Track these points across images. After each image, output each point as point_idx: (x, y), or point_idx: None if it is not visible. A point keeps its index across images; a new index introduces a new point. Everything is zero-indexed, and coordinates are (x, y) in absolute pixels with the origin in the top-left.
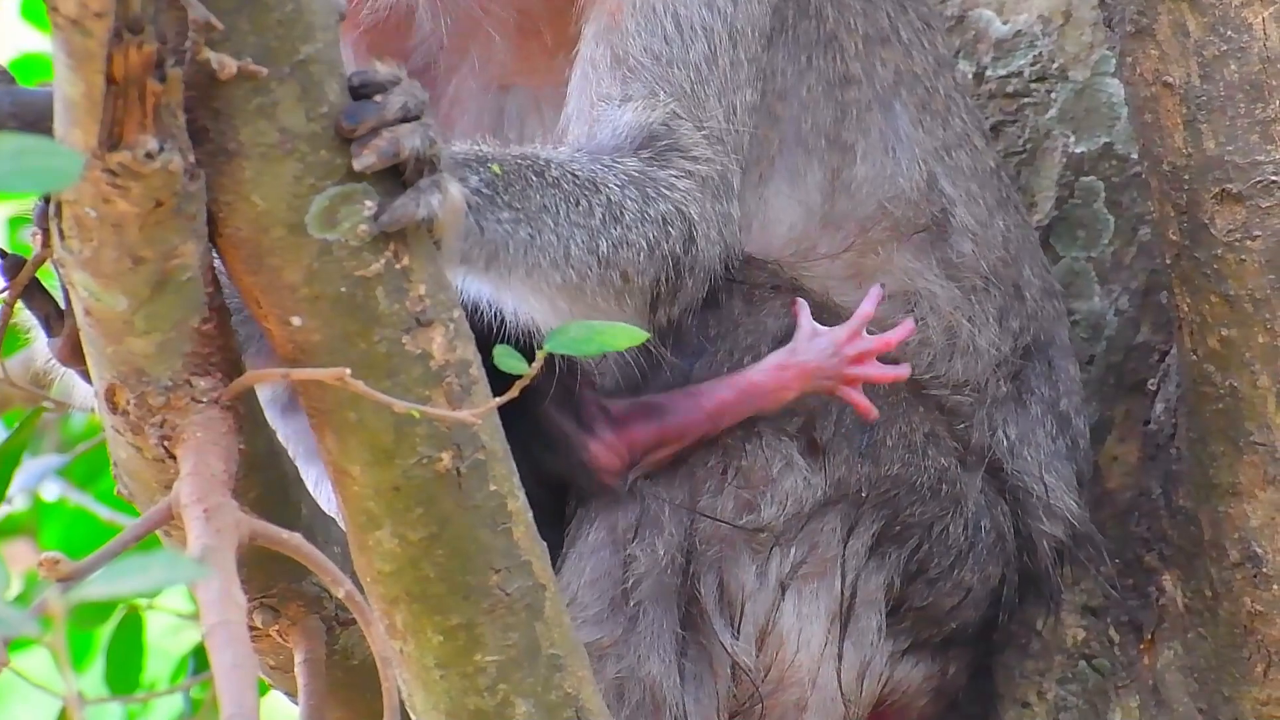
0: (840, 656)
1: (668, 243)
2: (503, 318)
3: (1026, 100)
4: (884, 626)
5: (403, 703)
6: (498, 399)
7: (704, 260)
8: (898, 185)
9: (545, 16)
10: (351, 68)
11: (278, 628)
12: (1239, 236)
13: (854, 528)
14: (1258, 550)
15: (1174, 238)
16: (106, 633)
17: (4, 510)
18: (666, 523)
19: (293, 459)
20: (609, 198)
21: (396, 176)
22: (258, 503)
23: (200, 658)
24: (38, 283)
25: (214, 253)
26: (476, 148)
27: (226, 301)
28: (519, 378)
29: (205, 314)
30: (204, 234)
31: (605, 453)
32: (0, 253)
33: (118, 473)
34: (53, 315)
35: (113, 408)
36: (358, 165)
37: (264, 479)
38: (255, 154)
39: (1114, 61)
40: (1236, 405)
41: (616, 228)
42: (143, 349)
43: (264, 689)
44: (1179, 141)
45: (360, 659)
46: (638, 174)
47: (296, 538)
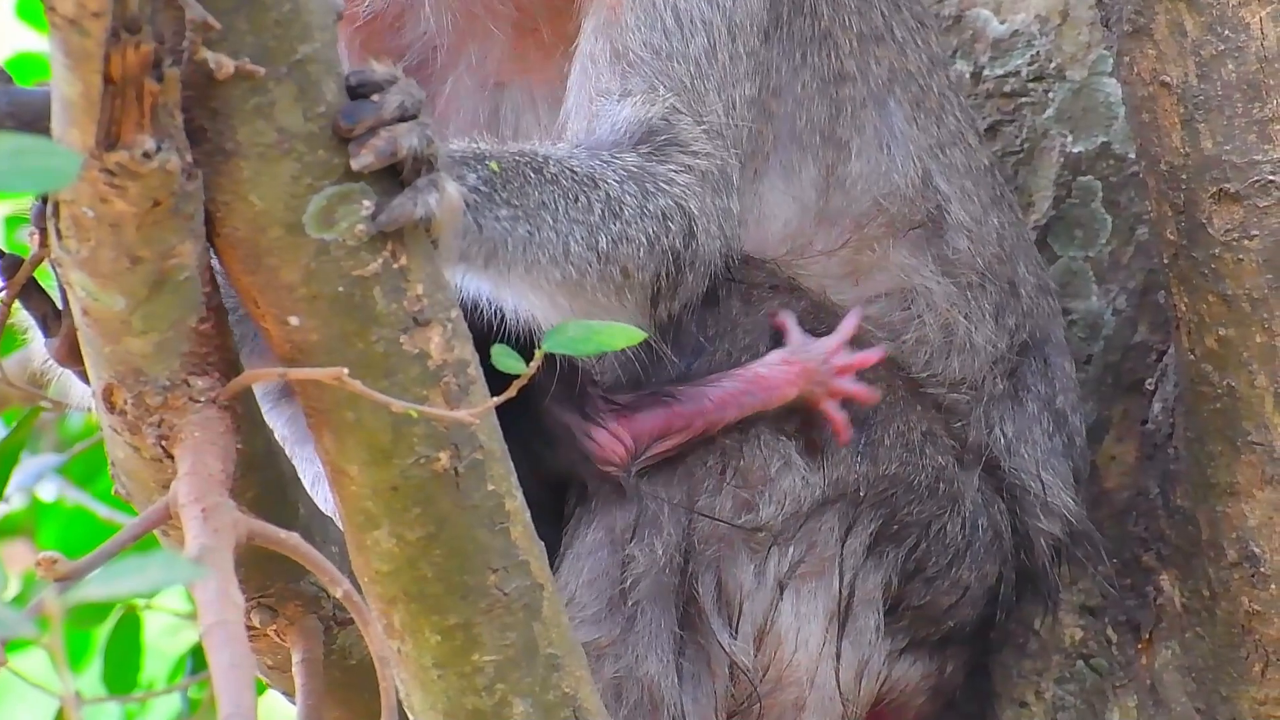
0: (838, 655)
1: (667, 238)
2: (502, 315)
3: (1024, 100)
4: (882, 625)
5: (400, 702)
6: (495, 399)
7: (704, 255)
8: (892, 182)
9: (544, 12)
10: (347, 66)
11: (275, 627)
12: (1236, 236)
13: (852, 527)
14: (1255, 550)
15: (1171, 237)
16: (104, 632)
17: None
18: (665, 522)
19: (289, 457)
20: (608, 193)
21: (394, 176)
22: (255, 502)
23: (198, 657)
24: (35, 283)
25: (212, 252)
26: (474, 145)
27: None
28: (517, 377)
29: (203, 314)
30: (201, 234)
31: (609, 440)
32: None
33: (115, 472)
34: (50, 315)
35: (110, 407)
36: (355, 165)
37: (262, 478)
38: (253, 154)
39: (1111, 61)
40: (1234, 405)
41: (616, 223)
42: (140, 349)
43: (261, 689)
44: (1176, 141)
45: (358, 659)
46: (637, 169)
47: (294, 537)
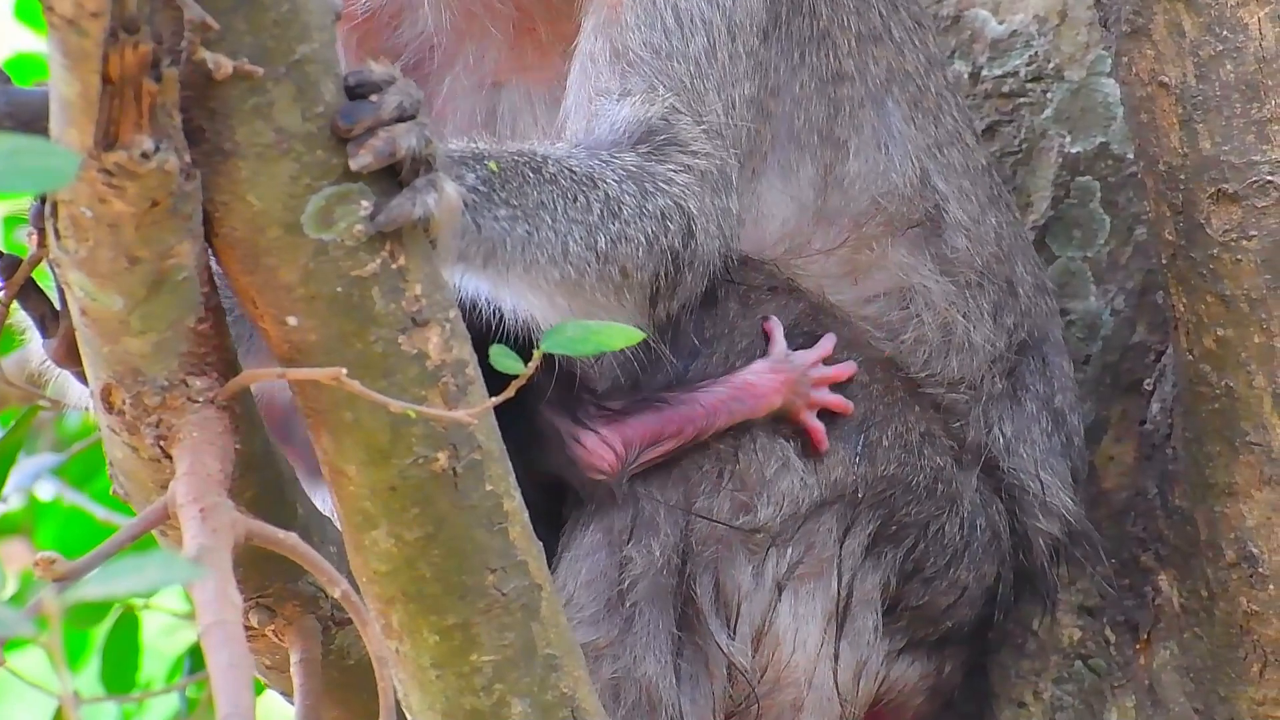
0: (836, 656)
1: (666, 237)
2: (501, 315)
3: (1022, 100)
4: (880, 626)
5: (399, 702)
6: (494, 399)
7: (703, 255)
8: (890, 181)
9: (542, 12)
10: (344, 65)
11: (274, 627)
12: (1235, 236)
13: (850, 528)
14: (1254, 550)
15: (1170, 238)
16: (102, 632)
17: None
18: (662, 524)
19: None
20: (607, 193)
21: (392, 176)
22: (254, 502)
23: (196, 657)
24: (33, 283)
25: (210, 252)
26: (473, 145)
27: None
28: (515, 377)
29: (201, 314)
30: (200, 234)
31: (599, 446)
32: None
33: (114, 472)
34: (48, 316)
35: (109, 407)
36: (354, 165)
37: (260, 478)
38: (251, 154)
39: (1110, 61)
40: (1232, 405)
41: (615, 223)
42: (139, 349)
43: (260, 689)
44: (1175, 141)
45: (356, 659)
46: (636, 169)
47: (293, 537)
